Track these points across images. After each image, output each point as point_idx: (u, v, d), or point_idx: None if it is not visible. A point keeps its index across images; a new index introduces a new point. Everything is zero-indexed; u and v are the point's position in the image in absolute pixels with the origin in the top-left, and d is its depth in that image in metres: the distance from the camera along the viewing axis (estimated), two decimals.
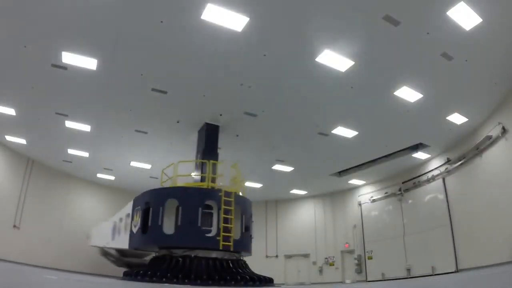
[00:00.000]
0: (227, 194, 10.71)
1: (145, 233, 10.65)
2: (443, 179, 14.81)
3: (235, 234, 10.71)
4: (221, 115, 12.33)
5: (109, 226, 14.38)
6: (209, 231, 10.28)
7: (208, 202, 10.57)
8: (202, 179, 11.64)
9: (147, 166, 17.22)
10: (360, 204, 19.31)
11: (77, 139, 14.57)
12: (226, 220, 10.35)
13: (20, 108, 12.35)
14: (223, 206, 10.42)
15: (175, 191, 10.89)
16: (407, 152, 14.90)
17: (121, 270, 11.02)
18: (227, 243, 10.08)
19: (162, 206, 10.46)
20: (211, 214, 10.47)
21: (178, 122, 12.91)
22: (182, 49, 9.03)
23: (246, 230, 11.18)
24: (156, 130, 13.66)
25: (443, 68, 9.61)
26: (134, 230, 11.25)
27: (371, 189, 19.03)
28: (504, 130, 10.93)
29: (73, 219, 18.67)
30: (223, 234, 10.12)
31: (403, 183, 17.01)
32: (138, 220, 11.10)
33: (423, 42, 8.62)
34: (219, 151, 12.78)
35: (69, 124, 13.21)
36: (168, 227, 10.33)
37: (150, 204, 10.82)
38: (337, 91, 10.76)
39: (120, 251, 15.00)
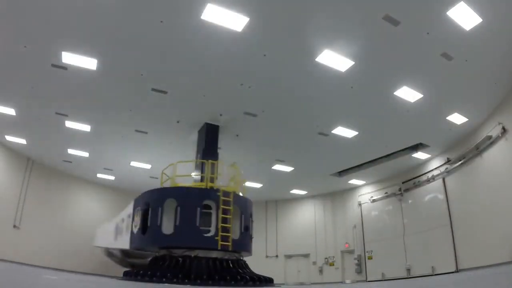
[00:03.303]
0: (226, 194, 10.71)
1: (144, 233, 10.68)
2: (443, 179, 14.81)
3: (234, 234, 10.71)
4: (221, 115, 12.33)
5: (112, 227, 14.37)
6: (208, 231, 10.29)
7: (207, 202, 10.59)
8: (202, 179, 11.63)
9: (147, 166, 17.23)
10: (360, 204, 19.30)
11: (77, 139, 14.57)
12: (224, 220, 10.35)
13: (20, 108, 12.35)
14: (221, 206, 10.42)
15: (174, 191, 10.94)
16: (407, 152, 14.90)
17: (121, 270, 11.01)
18: (225, 243, 10.08)
19: (161, 206, 10.50)
20: (210, 214, 10.48)
21: (178, 122, 12.91)
22: (182, 49, 9.03)
23: (246, 230, 11.16)
24: (156, 130, 13.66)
25: (443, 68, 9.61)
26: (135, 230, 11.28)
27: (371, 189, 19.03)
28: (504, 130, 10.92)
29: (73, 219, 18.68)
30: (222, 234, 10.12)
31: (403, 183, 17.01)
32: (138, 220, 11.14)
33: (423, 42, 8.62)
34: (219, 151, 12.78)
35: (69, 124, 13.21)
36: (167, 227, 10.33)
37: (150, 204, 10.86)
38: (337, 91, 10.76)
39: (124, 252, 14.95)
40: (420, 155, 15.13)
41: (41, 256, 16.20)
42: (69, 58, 9.35)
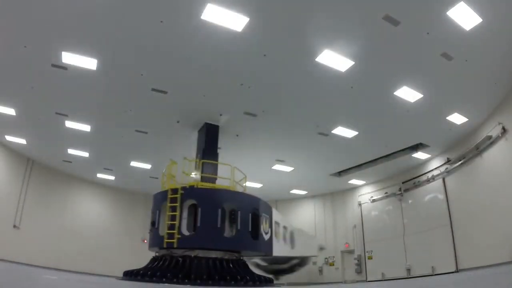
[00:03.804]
0: (174, 191, 10.62)
1: None
2: (443, 179, 14.81)
3: (186, 229, 10.50)
4: (221, 115, 12.33)
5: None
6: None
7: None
8: (202, 180, 11.62)
9: (147, 166, 17.22)
10: (360, 204, 19.31)
11: (77, 139, 14.57)
12: (171, 217, 10.26)
13: (20, 108, 12.35)
14: (168, 204, 10.41)
15: (154, 198, 11.84)
16: (407, 152, 14.90)
17: (121, 270, 11.01)
18: (170, 240, 9.98)
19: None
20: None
21: (178, 122, 12.91)
22: (182, 49, 9.03)
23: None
24: (156, 130, 13.65)
25: (443, 68, 9.61)
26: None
27: (371, 189, 19.03)
28: (504, 130, 10.93)
29: (73, 219, 18.68)
30: (167, 231, 10.08)
31: (403, 183, 17.01)
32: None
33: (423, 42, 8.62)
34: (219, 151, 12.78)
35: (69, 124, 13.21)
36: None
37: None
38: (337, 91, 10.76)
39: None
40: (420, 155, 15.13)
41: (41, 256, 16.20)
42: (69, 58, 9.34)
